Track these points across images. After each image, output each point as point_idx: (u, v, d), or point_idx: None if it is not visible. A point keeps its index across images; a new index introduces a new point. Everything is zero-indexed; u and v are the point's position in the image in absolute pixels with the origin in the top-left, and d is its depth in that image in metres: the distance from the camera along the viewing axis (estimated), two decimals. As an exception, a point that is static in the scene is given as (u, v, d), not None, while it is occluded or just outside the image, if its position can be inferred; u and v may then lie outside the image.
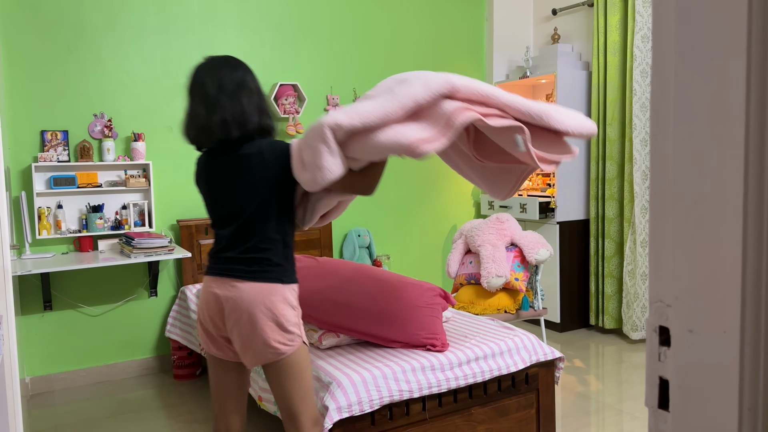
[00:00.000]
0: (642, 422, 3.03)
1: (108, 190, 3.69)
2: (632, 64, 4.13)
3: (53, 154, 3.51)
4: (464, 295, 3.79)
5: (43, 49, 3.54)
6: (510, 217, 3.94)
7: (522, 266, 3.76)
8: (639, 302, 4.19)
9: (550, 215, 4.51)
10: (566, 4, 4.79)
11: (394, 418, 2.32)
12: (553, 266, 4.52)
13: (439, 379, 2.38)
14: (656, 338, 0.65)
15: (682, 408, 0.62)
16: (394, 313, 2.50)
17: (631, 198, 4.24)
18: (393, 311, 2.50)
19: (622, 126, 4.31)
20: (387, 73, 4.64)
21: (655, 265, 0.65)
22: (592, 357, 4.08)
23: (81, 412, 3.32)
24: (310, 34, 4.33)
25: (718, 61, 0.58)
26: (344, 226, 4.54)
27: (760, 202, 0.56)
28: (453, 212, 5.05)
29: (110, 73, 3.72)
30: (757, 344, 0.57)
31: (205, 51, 3.97)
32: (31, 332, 3.59)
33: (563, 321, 4.56)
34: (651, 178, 0.65)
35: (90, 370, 3.74)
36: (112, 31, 3.70)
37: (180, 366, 3.76)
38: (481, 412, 2.52)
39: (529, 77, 4.70)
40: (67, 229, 3.59)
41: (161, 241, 3.42)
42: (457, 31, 4.95)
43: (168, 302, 3.94)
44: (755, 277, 0.57)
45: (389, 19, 4.64)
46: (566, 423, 3.03)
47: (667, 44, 0.62)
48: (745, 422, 0.58)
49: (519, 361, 2.58)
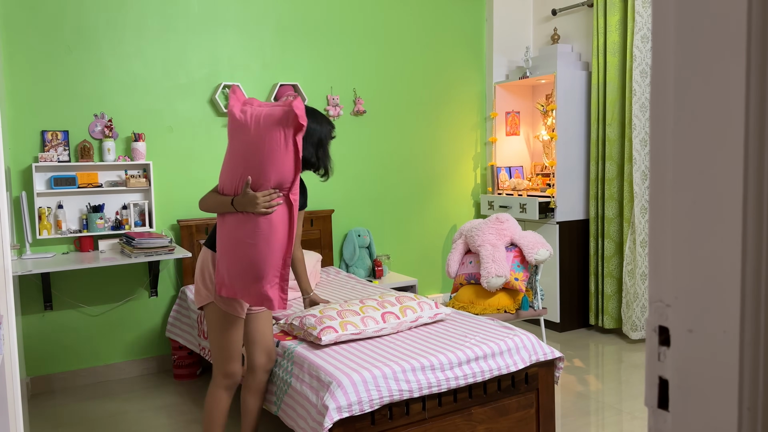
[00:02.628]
0: (642, 422, 3.03)
1: (108, 190, 3.69)
2: (632, 64, 4.13)
3: (54, 154, 3.51)
4: (464, 295, 3.79)
5: (43, 49, 3.54)
6: (510, 217, 3.94)
7: (522, 266, 3.76)
8: (639, 302, 4.19)
9: (549, 215, 4.51)
10: (566, 4, 4.79)
11: (394, 418, 2.32)
12: (552, 266, 4.53)
13: (439, 379, 2.38)
14: (656, 338, 0.65)
15: (681, 408, 0.63)
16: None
17: (631, 198, 4.24)
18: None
19: (621, 126, 4.31)
20: (387, 73, 4.64)
21: (655, 265, 0.65)
22: (592, 357, 4.08)
23: (81, 412, 3.32)
24: (310, 34, 4.33)
25: (718, 61, 0.58)
26: (344, 226, 4.54)
27: (759, 202, 0.56)
28: (453, 212, 5.05)
29: (110, 73, 3.72)
30: (757, 344, 0.57)
31: (205, 51, 3.97)
32: (31, 332, 3.59)
33: (563, 321, 4.56)
34: (651, 178, 0.65)
35: (90, 370, 3.74)
36: (113, 31, 3.70)
37: (180, 366, 3.76)
38: (481, 412, 2.52)
39: (528, 77, 4.70)
40: (67, 229, 3.59)
41: (161, 241, 3.42)
42: (457, 31, 4.96)
43: (168, 302, 3.94)
44: (755, 276, 0.57)
45: (389, 19, 4.64)
46: (566, 423, 3.03)
47: (666, 44, 0.62)
48: (744, 422, 0.58)
49: (519, 361, 2.59)
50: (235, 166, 2.20)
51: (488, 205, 4.93)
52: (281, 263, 2.22)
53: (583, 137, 4.60)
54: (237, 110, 2.20)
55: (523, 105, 5.09)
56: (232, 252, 2.21)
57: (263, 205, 2.14)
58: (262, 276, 2.19)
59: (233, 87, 2.29)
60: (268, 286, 2.21)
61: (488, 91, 5.09)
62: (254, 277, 2.19)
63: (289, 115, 2.12)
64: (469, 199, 5.11)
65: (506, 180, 4.92)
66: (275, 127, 2.12)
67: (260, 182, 2.15)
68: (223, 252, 2.24)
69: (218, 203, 2.24)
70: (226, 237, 2.23)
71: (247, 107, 2.21)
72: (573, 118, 4.54)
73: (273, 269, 2.21)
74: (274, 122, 2.13)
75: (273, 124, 2.13)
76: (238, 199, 2.18)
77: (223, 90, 4.02)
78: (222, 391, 2.41)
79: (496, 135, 4.99)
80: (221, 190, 2.27)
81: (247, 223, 2.18)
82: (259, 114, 2.16)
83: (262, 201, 2.14)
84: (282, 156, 2.14)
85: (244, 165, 2.17)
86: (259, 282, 2.20)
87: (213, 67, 4.00)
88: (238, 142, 2.19)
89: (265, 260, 2.18)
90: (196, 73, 3.95)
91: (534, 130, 5.13)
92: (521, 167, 5.04)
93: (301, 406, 2.33)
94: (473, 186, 5.12)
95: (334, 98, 4.41)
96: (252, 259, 2.18)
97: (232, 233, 2.21)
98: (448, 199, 5.02)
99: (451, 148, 4.99)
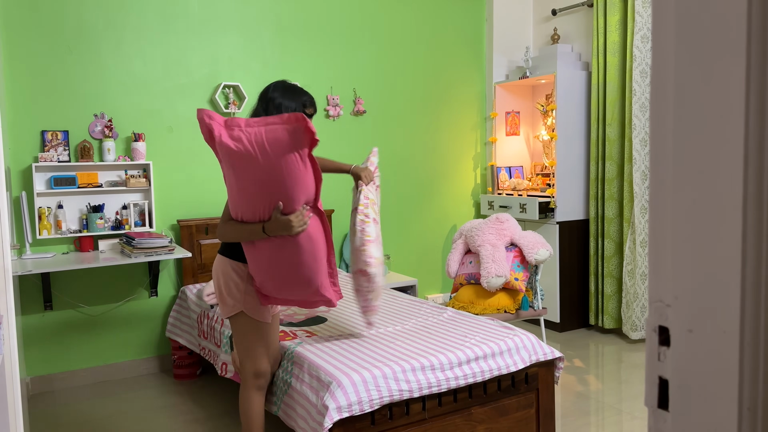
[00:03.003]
0: (642, 422, 3.03)
1: (108, 190, 3.69)
2: (632, 64, 4.13)
3: (54, 154, 3.51)
4: (464, 295, 3.79)
5: (43, 49, 3.54)
6: (510, 217, 3.94)
7: (522, 266, 3.76)
8: (638, 302, 4.19)
9: (549, 215, 4.51)
10: (566, 4, 4.79)
11: (394, 418, 2.32)
12: (552, 266, 4.53)
13: (439, 379, 2.38)
14: (656, 338, 0.65)
15: (681, 408, 0.63)
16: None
17: (631, 198, 4.24)
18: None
19: (621, 126, 4.31)
20: (387, 73, 4.64)
21: (655, 265, 0.65)
22: (592, 357, 4.08)
23: (81, 412, 3.32)
24: (310, 34, 4.33)
25: (718, 61, 0.58)
26: (344, 226, 4.54)
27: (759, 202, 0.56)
28: (453, 212, 5.05)
29: (110, 73, 3.72)
30: (757, 344, 0.57)
31: (205, 51, 3.97)
32: (31, 332, 3.59)
33: (563, 321, 4.56)
34: (651, 178, 0.65)
35: (90, 370, 3.74)
36: (112, 31, 3.70)
37: (180, 366, 3.76)
38: (481, 412, 2.52)
39: (528, 77, 4.70)
40: (67, 229, 3.59)
41: (161, 241, 3.42)
42: (457, 31, 4.96)
43: (168, 302, 3.94)
44: (755, 277, 0.57)
45: (389, 19, 4.64)
46: (566, 423, 3.03)
47: (666, 44, 0.62)
48: (744, 422, 0.58)
49: (519, 361, 2.58)
50: (254, 195, 2.11)
51: (488, 205, 4.93)
52: (329, 267, 2.29)
53: (583, 137, 4.60)
54: (227, 139, 2.04)
55: (523, 105, 5.09)
56: (278, 275, 2.21)
57: (298, 227, 2.12)
58: (317, 286, 2.26)
59: (204, 112, 2.06)
60: (323, 290, 2.29)
61: (488, 91, 5.09)
62: (310, 291, 2.27)
63: (297, 134, 2.02)
64: (469, 199, 5.11)
65: (506, 180, 4.92)
66: (288, 152, 2.03)
67: (290, 206, 2.12)
68: (268, 276, 2.21)
69: (247, 232, 2.16)
70: (266, 262, 2.19)
71: (237, 131, 2.04)
72: (573, 118, 4.54)
73: (324, 275, 2.27)
74: (285, 148, 2.03)
75: (285, 150, 2.03)
76: (271, 225, 2.12)
77: (223, 90, 4.02)
78: (254, 393, 2.39)
79: (496, 135, 4.99)
80: (239, 217, 2.19)
81: (286, 246, 2.15)
82: (260, 139, 2.03)
83: (296, 223, 2.12)
84: (303, 176, 2.09)
85: (264, 192, 2.09)
86: (316, 292, 2.28)
87: (213, 67, 4.00)
88: (246, 172, 2.07)
89: (316, 272, 2.23)
90: (196, 73, 3.95)
91: (534, 130, 5.13)
92: (521, 167, 5.04)
93: (301, 406, 2.33)
94: (473, 186, 5.12)
95: (334, 98, 4.41)
96: (303, 276, 2.21)
97: (273, 258, 2.18)
98: (448, 199, 5.02)
99: (451, 148, 4.99)
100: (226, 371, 3.01)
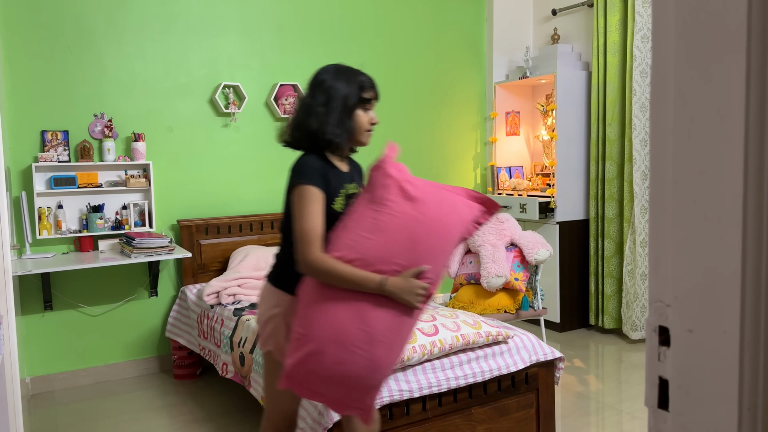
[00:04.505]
0: (642, 422, 3.03)
1: (108, 190, 3.69)
2: (632, 64, 4.13)
3: (53, 154, 3.51)
4: (464, 295, 3.79)
5: (43, 49, 3.54)
6: (510, 217, 3.94)
7: (522, 266, 3.76)
8: (639, 302, 4.19)
9: (549, 215, 4.51)
10: (566, 4, 4.79)
11: (394, 418, 2.32)
12: (552, 266, 4.53)
13: (439, 379, 2.38)
14: (656, 338, 0.65)
15: (681, 408, 0.62)
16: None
17: (631, 198, 4.24)
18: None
19: (621, 126, 4.31)
20: (386, 73, 4.64)
21: (655, 265, 0.65)
22: (592, 357, 4.08)
23: (81, 412, 3.32)
24: (310, 34, 4.33)
25: (718, 61, 0.58)
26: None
27: (759, 202, 0.56)
28: (453, 212, 5.04)
29: (110, 73, 3.72)
30: (757, 344, 0.57)
31: (205, 51, 3.97)
32: (31, 332, 3.59)
33: (563, 321, 4.56)
34: (651, 178, 0.65)
35: (90, 370, 3.74)
36: (112, 31, 3.70)
37: (180, 366, 3.76)
38: (481, 412, 2.52)
39: (528, 77, 4.70)
40: (67, 229, 3.59)
41: (161, 241, 3.42)
42: (457, 31, 4.96)
43: (168, 302, 3.94)
44: (755, 277, 0.57)
45: (389, 19, 4.64)
46: (566, 423, 3.03)
47: (666, 44, 0.62)
48: (744, 422, 0.58)
49: (519, 361, 2.58)
50: (395, 243, 1.72)
51: (488, 205, 4.92)
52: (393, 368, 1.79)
53: (583, 137, 4.60)
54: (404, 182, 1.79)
55: (523, 105, 5.09)
56: (347, 342, 1.67)
57: (423, 299, 1.73)
58: (377, 386, 1.73)
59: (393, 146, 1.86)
60: (370, 397, 1.74)
61: (488, 91, 5.09)
62: (366, 386, 1.71)
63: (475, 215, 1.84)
64: (469, 199, 5.11)
65: (506, 180, 4.92)
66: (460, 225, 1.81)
67: (435, 273, 1.76)
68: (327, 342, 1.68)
69: (358, 279, 1.68)
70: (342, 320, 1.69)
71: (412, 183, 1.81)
72: (573, 118, 4.54)
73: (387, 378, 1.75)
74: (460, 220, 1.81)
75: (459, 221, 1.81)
76: (397, 283, 1.68)
77: (223, 90, 4.02)
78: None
79: (496, 135, 4.99)
80: (347, 258, 1.71)
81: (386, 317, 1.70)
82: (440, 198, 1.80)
83: (422, 294, 1.72)
84: (451, 252, 1.82)
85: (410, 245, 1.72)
86: (368, 393, 1.72)
87: (213, 67, 4.00)
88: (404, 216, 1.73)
89: (390, 365, 1.73)
90: (196, 73, 3.95)
91: (534, 130, 5.13)
92: (521, 167, 5.04)
93: (300, 406, 2.33)
94: (473, 186, 5.12)
95: (334, 98, 4.41)
96: (378, 361, 1.68)
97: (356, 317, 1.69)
98: (448, 199, 5.01)
99: (451, 148, 4.99)
100: (227, 371, 3.01)
